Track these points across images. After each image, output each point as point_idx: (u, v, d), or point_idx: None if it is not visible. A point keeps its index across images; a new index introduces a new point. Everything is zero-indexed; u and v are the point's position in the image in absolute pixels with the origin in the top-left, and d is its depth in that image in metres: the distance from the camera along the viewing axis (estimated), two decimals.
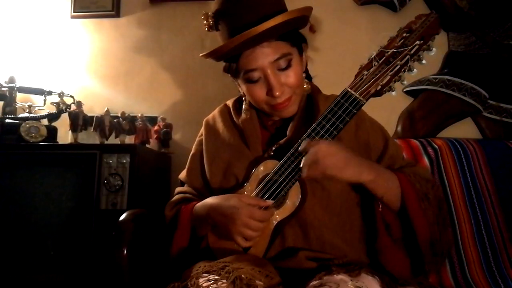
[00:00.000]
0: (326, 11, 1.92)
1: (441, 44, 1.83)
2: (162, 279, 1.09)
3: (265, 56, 0.98)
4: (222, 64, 1.07)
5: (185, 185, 1.21)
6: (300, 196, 0.98)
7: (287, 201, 0.99)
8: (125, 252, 1.10)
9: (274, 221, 0.99)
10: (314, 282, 0.88)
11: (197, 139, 1.21)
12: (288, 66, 1.00)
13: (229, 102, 1.18)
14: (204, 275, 0.89)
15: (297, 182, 0.97)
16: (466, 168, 1.56)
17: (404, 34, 0.91)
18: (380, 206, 0.99)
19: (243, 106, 1.12)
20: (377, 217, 0.99)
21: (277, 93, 0.98)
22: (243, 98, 1.11)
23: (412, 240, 0.99)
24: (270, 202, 0.97)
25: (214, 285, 0.84)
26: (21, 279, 1.55)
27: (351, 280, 0.87)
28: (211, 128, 1.17)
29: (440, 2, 1.83)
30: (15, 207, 1.62)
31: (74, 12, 2.11)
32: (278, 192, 0.97)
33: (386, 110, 1.82)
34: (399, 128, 1.83)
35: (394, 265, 0.99)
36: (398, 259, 1.00)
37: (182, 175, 1.22)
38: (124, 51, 2.08)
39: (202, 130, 1.20)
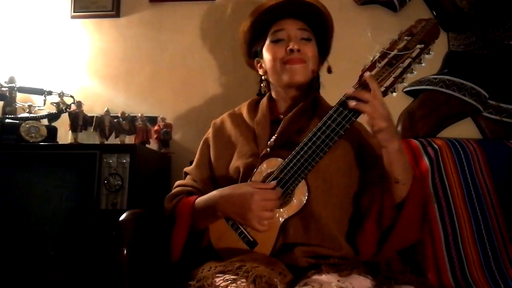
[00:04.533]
0: None
1: (441, 44, 1.83)
2: (162, 279, 1.09)
3: (293, 24, 1.15)
4: (222, 64, 1.10)
5: (187, 178, 1.23)
6: (307, 194, 0.99)
7: (293, 199, 0.99)
8: (125, 252, 1.10)
9: (281, 219, 1.00)
10: (300, 282, 0.88)
11: (205, 137, 1.25)
12: (309, 40, 1.14)
13: (242, 107, 1.23)
14: (219, 275, 0.89)
15: (303, 180, 0.97)
16: (466, 168, 1.56)
17: (406, 37, 0.93)
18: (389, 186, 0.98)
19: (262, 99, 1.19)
20: (376, 199, 1.00)
21: (295, 46, 1.09)
22: (262, 79, 1.22)
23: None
24: (273, 183, 0.99)
25: (234, 284, 0.84)
26: (21, 279, 1.55)
27: (337, 280, 0.87)
28: (218, 129, 1.22)
29: (440, 2, 1.83)
30: (15, 207, 1.61)
31: (74, 12, 2.10)
32: (285, 190, 0.98)
33: None
34: (399, 128, 1.83)
35: (366, 247, 1.02)
36: (372, 243, 1.02)
37: (189, 168, 1.25)
38: (124, 51, 2.08)
39: (210, 130, 1.24)
